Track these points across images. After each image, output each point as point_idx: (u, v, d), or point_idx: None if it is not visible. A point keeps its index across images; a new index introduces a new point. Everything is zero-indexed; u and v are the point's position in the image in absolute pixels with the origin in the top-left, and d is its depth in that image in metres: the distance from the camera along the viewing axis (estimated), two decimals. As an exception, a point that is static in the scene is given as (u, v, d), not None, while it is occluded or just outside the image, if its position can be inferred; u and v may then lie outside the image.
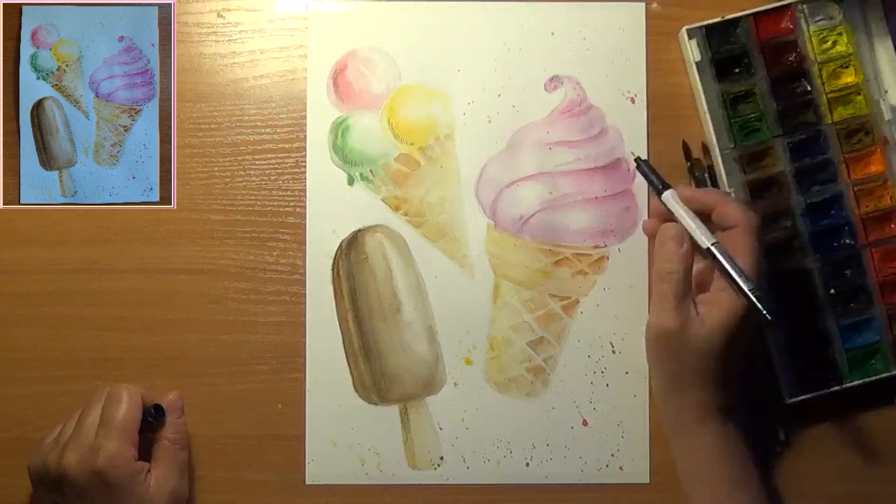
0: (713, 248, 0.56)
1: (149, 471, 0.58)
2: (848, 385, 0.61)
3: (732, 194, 0.61)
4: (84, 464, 0.56)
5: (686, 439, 0.59)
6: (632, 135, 0.64)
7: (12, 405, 0.63)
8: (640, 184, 0.63)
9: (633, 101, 0.64)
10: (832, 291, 0.62)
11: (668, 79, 0.64)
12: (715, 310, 0.56)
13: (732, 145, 0.62)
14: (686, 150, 0.63)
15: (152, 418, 0.60)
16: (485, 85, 0.64)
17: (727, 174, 0.62)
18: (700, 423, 0.58)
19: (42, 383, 0.63)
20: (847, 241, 0.62)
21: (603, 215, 0.64)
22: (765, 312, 0.54)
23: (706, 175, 0.63)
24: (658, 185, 0.59)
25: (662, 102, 0.64)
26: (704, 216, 0.58)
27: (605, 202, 0.64)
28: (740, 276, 0.55)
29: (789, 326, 0.61)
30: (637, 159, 0.60)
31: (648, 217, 0.63)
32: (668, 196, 0.58)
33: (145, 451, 0.59)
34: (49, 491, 0.58)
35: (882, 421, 0.63)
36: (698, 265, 0.58)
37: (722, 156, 0.62)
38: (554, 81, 0.64)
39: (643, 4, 0.64)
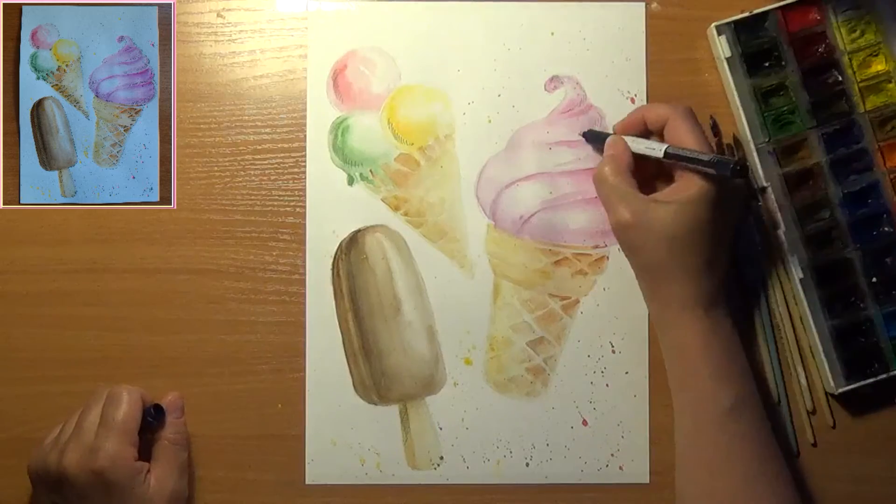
0: (668, 150, 0.57)
1: (148, 471, 0.58)
2: (895, 373, 0.62)
3: (769, 188, 0.62)
4: (84, 464, 0.56)
5: (669, 333, 0.58)
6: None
7: (12, 405, 0.63)
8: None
9: (632, 101, 0.64)
10: (874, 280, 0.62)
11: (668, 78, 0.64)
12: (675, 192, 0.57)
13: (767, 139, 0.62)
14: (715, 126, 0.63)
15: (152, 418, 0.60)
16: (485, 85, 0.64)
17: (763, 168, 0.62)
18: (681, 314, 0.57)
19: (42, 383, 0.63)
20: (886, 228, 0.62)
21: (603, 215, 0.63)
22: (729, 173, 0.54)
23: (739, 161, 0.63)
24: (602, 138, 0.61)
25: (662, 102, 0.64)
26: (651, 135, 0.60)
27: (605, 202, 0.64)
28: (698, 155, 0.56)
29: (833, 317, 0.62)
30: (582, 134, 0.63)
31: None
32: (610, 138, 0.61)
33: (145, 451, 0.59)
34: (49, 491, 0.58)
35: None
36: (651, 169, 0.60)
37: (757, 150, 0.62)
38: (554, 81, 0.64)
39: (643, 4, 0.64)
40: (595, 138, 0.63)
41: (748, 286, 0.63)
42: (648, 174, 0.60)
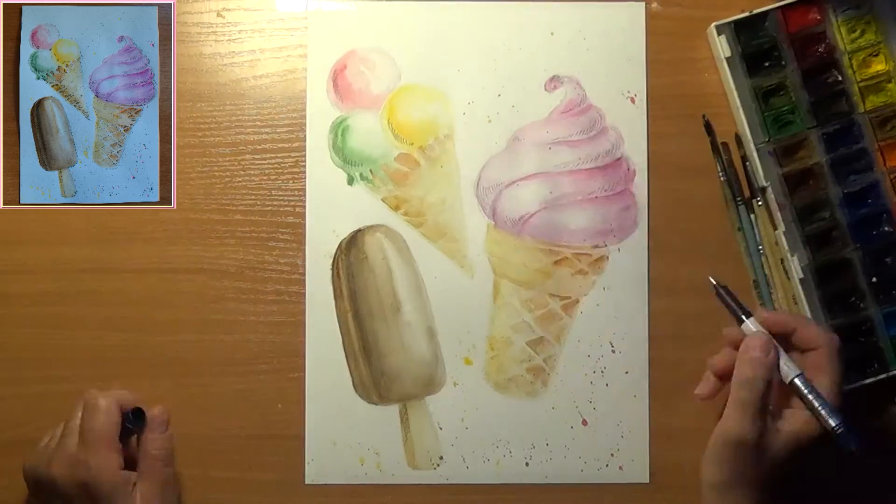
0: (797, 381, 0.54)
1: (135, 483, 0.57)
2: (894, 373, 0.62)
3: (770, 188, 0.61)
4: (70, 476, 0.56)
5: None
6: (632, 135, 0.64)
7: (12, 405, 0.63)
8: (640, 183, 0.64)
9: (633, 100, 0.64)
10: (874, 280, 0.62)
11: (668, 78, 0.64)
12: (792, 424, 0.54)
13: (767, 139, 0.62)
14: (708, 125, 0.63)
15: (131, 424, 0.58)
16: (485, 85, 0.64)
17: (763, 168, 0.62)
18: None
19: (42, 383, 0.63)
20: (886, 228, 0.62)
21: (603, 215, 0.64)
22: (852, 448, 0.52)
23: (729, 162, 0.63)
24: (739, 313, 0.57)
25: (662, 102, 0.64)
26: (784, 337, 0.56)
27: (604, 202, 0.64)
28: (825, 410, 0.53)
29: (833, 317, 0.62)
30: (716, 287, 0.58)
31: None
32: (750, 324, 0.56)
33: (131, 462, 0.58)
34: (43, 495, 0.58)
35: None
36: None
37: (757, 150, 0.62)
38: (554, 81, 0.64)
39: (643, 4, 0.64)
40: (728, 300, 0.57)
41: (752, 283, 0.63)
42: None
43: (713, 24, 0.62)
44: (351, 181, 0.64)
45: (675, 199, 0.64)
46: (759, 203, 0.63)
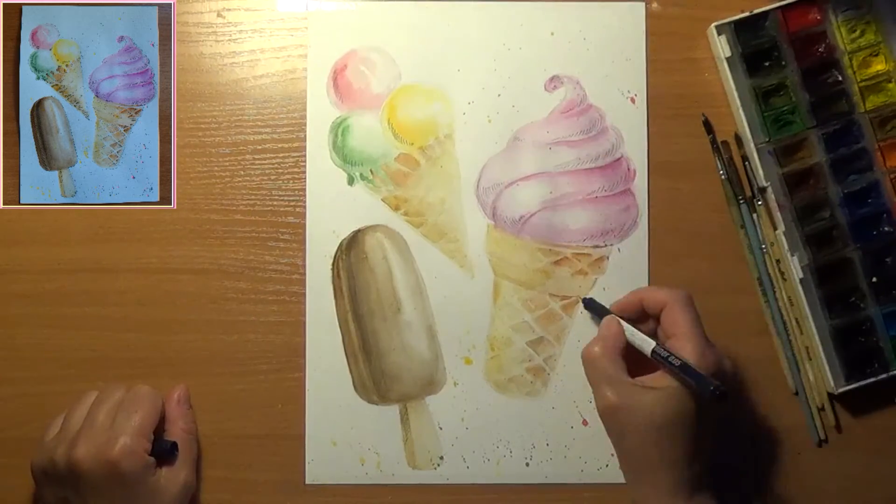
0: (652, 353, 0.56)
1: (158, 465, 0.59)
2: (894, 373, 0.62)
3: (770, 188, 0.62)
4: (98, 455, 0.56)
5: None
6: (632, 135, 0.64)
7: (12, 405, 0.63)
8: (640, 183, 0.64)
9: (632, 100, 0.64)
10: (874, 280, 0.62)
11: (668, 78, 0.64)
12: (662, 378, 0.56)
13: (767, 139, 0.62)
14: (707, 124, 0.63)
15: (163, 451, 0.59)
16: (485, 85, 0.64)
17: (763, 168, 0.62)
18: (663, 501, 0.55)
19: (42, 383, 0.63)
20: (886, 228, 0.62)
21: (603, 215, 0.64)
22: (711, 389, 0.52)
23: (730, 160, 0.63)
24: (600, 312, 0.62)
25: (662, 102, 0.64)
26: (650, 317, 0.59)
27: (604, 202, 0.64)
28: (679, 369, 0.54)
29: (833, 317, 0.62)
30: (583, 301, 0.63)
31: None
32: (606, 319, 0.60)
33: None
34: (57, 487, 0.58)
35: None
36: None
37: (757, 150, 0.62)
38: (554, 81, 0.64)
39: (643, 4, 0.64)
40: (593, 309, 0.63)
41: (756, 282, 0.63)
42: (641, 355, 0.58)
43: (713, 24, 0.62)
44: (351, 181, 0.64)
45: (675, 199, 0.64)
46: (759, 203, 0.63)
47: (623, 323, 0.59)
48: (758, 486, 0.63)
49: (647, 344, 0.57)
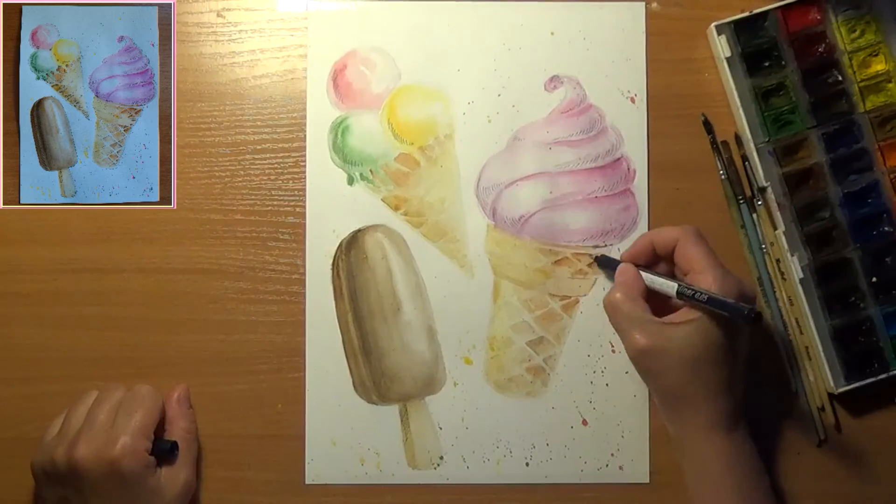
0: (679, 290, 0.57)
1: (158, 465, 0.59)
2: (894, 373, 0.62)
3: (770, 188, 0.62)
4: (99, 454, 0.56)
5: (692, 452, 0.58)
6: (632, 135, 0.64)
7: (12, 405, 0.64)
8: (640, 183, 0.64)
9: (633, 100, 0.64)
10: (874, 280, 0.62)
11: (668, 78, 0.64)
12: (689, 313, 0.57)
13: (767, 139, 0.62)
14: (707, 123, 0.63)
15: (163, 450, 0.59)
16: (485, 85, 0.64)
17: (763, 168, 0.62)
18: (704, 436, 0.57)
19: (42, 383, 0.63)
20: (886, 228, 0.62)
21: (603, 215, 0.64)
22: (745, 314, 0.53)
23: (730, 160, 0.63)
24: (613, 266, 0.62)
25: (662, 102, 0.64)
26: (661, 259, 0.60)
27: (604, 201, 0.64)
28: (709, 300, 0.55)
29: (833, 317, 0.62)
30: (594, 258, 0.63)
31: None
32: (621, 266, 0.61)
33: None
34: (57, 486, 0.58)
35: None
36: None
37: (757, 150, 0.62)
38: (554, 81, 0.64)
39: (643, 4, 0.64)
40: (607, 264, 0.63)
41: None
42: (662, 297, 0.59)
43: (713, 24, 0.62)
44: (351, 181, 0.64)
45: (675, 199, 0.64)
46: (759, 203, 0.63)
47: (640, 270, 0.60)
48: (758, 486, 0.63)
49: (669, 285, 0.58)
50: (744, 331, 0.57)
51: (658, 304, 0.59)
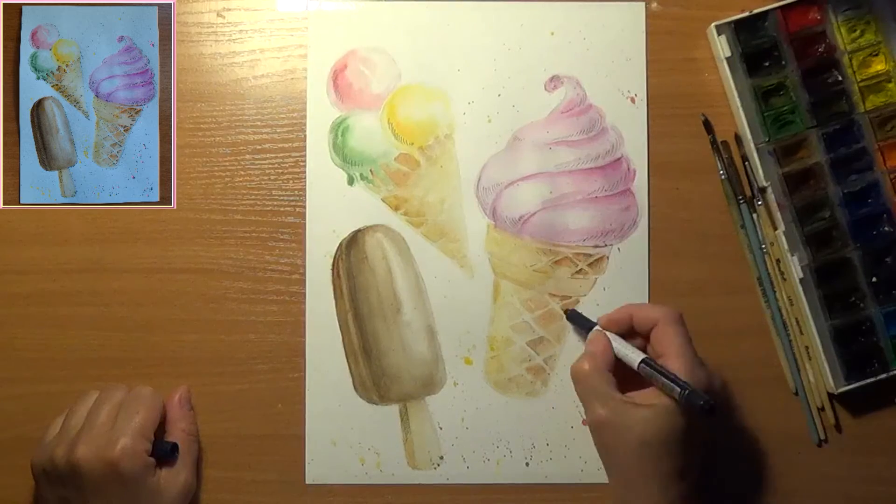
0: (640, 366, 0.57)
1: (158, 466, 0.59)
2: (894, 373, 0.62)
3: (770, 188, 0.61)
4: (99, 455, 0.56)
5: None
6: (632, 135, 0.64)
7: (12, 405, 0.63)
8: (640, 183, 0.64)
9: (632, 100, 0.64)
10: (874, 279, 0.62)
11: (668, 78, 0.64)
12: (653, 396, 0.56)
13: (767, 139, 0.62)
14: (707, 123, 0.63)
15: (163, 452, 0.59)
16: (485, 85, 0.64)
17: (763, 168, 0.62)
18: None
19: (42, 383, 0.63)
20: (886, 228, 0.62)
21: (603, 215, 0.64)
22: (701, 404, 0.53)
23: (730, 160, 0.63)
24: (585, 327, 0.61)
25: (662, 102, 0.64)
26: (632, 329, 0.60)
27: (604, 202, 0.64)
28: (668, 381, 0.55)
29: (833, 317, 0.62)
30: (565, 313, 0.63)
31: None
32: (593, 333, 0.60)
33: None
34: (57, 486, 0.58)
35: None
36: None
37: (757, 150, 0.62)
38: (554, 81, 0.64)
39: (643, 4, 0.64)
40: (578, 322, 0.62)
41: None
42: (630, 370, 0.58)
43: (713, 24, 0.62)
44: (351, 181, 0.64)
45: (675, 199, 0.64)
46: (759, 203, 0.63)
47: (611, 336, 0.59)
48: (758, 485, 0.63)
49: (635, 356, 0.57)
50: (704, 422, 0.55)
51: (625, 378, 0.58)
